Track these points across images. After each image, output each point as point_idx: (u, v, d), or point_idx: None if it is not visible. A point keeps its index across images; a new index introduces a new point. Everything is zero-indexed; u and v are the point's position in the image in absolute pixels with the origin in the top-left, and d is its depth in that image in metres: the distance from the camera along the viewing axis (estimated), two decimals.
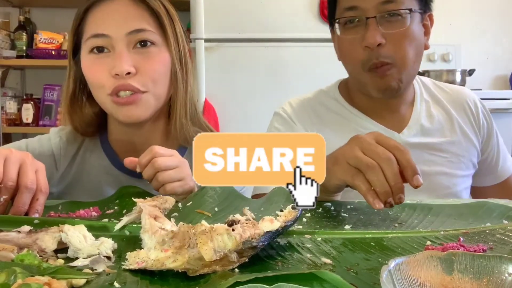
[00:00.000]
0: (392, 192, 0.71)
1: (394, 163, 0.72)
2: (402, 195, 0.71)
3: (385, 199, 0.71)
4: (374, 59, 1.02)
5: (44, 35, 2.81)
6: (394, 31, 1.02)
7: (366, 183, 0.72)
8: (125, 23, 0.94)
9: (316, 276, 0.47)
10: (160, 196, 0.76)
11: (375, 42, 1.01)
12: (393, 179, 0.71)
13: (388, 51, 1.02)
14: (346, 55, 1.09)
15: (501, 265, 0.46)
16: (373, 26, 1.02)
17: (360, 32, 1.03)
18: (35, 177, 0.75)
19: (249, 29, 2.34)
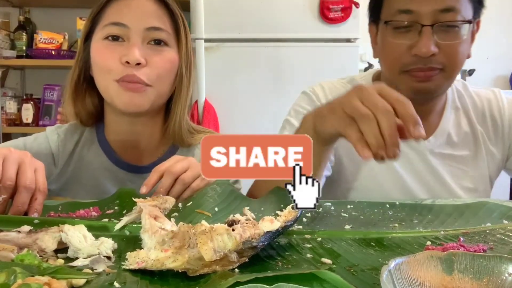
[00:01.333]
0: (386, 145, 0.67)
1: (392, 115, 0.67)
2: (397, 150, 0.67)
3: (375, 152, 0.67)
4: (421, 64, 0.98)
5: (44, 35, 2.81)
6: (449, 42, 0.97)
7: (358, 132, 0.69)
8: (145, 19, 0.97)
9: (316, 276, 0.47)
10: (160, 196, 0.76)
11: (428, 52, 0.96)
12: (388, 131, 0.66)
13: (438, 60, 0.98)
14: (388, 57, 1.04)
15: (501, 265, 0.46)
16: (428, 35, 0.96)
17: (411, 39, 0.98)
18: (34, 176, 0.75)
19: (249, 29, 2.34)
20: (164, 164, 0.85)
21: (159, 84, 0.98)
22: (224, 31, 2.34)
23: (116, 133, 1.05)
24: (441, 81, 1.01)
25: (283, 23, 2.36)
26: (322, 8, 2.34)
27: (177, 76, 1.02)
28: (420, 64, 0.98)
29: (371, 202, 0.84)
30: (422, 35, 0.97)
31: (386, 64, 1.06)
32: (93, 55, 1.00)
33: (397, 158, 0.68)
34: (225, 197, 0.82)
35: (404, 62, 1.00)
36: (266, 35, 2.36)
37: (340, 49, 2.40)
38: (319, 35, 2.39)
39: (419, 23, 0.97)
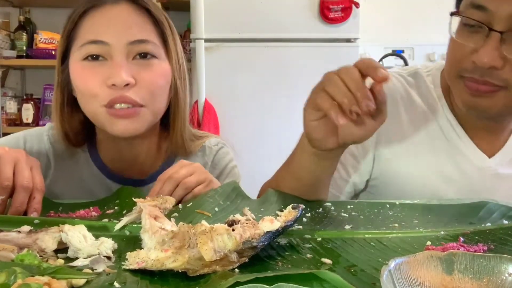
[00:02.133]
0: (357, 100, 0.65)
1: (354, 71, 0.66)
2: (370, 102, 0.65)
3: (349, 108, 0.65)
4: (478, 75, 0.83)
5: (44, 35, 2.81)
6: None
7: (328, 99, 0.67)
8: (127, 32, 0.88)
9: (316, 276, 0.47)
10: (160, 196, 0.76)
11: (488, 62, 0.80)
12: (354, 86, 0.65)
13: (501, 76, 0.82)
14: (449, 56, 0.91)
15: (501, 265, 0.46)
16: (495, 42, 0.80)
17: (476, 42, 0.82)
18: (31, 175, 0.74)
19: (249, 29, 2.34)
20: (168, 172, 0.82)
21: (153, 102, 0.90)
22: (224, 31, 2.34)
23: (110, 152, 1.00)
24: (501, 101, 0.84)
25: (283, 23, 2.36)
26: (322, 8, 2.34)
27: (171, 89, 0.94)
28: (476, 74, 0.83)
29: (371, 202, 0.84)
30: (488, 41, 0.80)
31: (447, 62, 0.92)
32: (73, 79, 0.91)
33: (372, 109, 0.66)
34: (225, 197, 0.82)
35: (462, 66, 0.86)
36: (266, 35, 2.36)
37: (340, 49, 2.40)
38: (319, 35, 2.39)
39: (487, 26, 0.80)
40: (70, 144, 0.99)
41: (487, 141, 0.97)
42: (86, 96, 0.90)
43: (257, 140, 2.31)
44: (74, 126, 0.97)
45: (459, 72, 0.87)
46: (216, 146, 1.08)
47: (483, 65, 0.81)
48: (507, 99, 0.84)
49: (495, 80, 0.82)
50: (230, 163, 1.09)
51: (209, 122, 2.27)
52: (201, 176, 0.83)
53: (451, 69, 0.90)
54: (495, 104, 0.85)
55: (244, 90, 2.36)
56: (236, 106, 2.36)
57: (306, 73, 2.36)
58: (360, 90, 0.66)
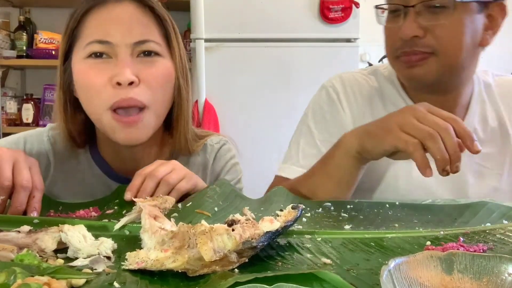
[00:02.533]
0: (451, 160, 0.71)
1: (453, 133, 0.73)
2: (459, 163, 0.72)
3: (443, 167, 0.72)
4: (407, 48, 0.95)
5: (44, 35, 2.81)
6: (436, 23, 0.92)
7: (421, 150, 0.73)
8: (131, 32, 0.88)
9: (316, 276, 0.47)
10: (160, 196, 0.76)
11: (409, 34, 0.93)
12: (452, 148, 0.71)
13: (426, 43, 0.93)
14: (386, 44, 1.02)
15: (501, 265, 0.46)
16: (412, 16, 0.93)
17: (399, 22, 0.95)
18: (30, 174, 0.74)
19: (249, 29, 2.34)
20: (147, 168, 0.82)
21: (156, 103, 0.90)
22: (224, 31, 2.34)
23: (111, 153, 1.00)
24: (434, 67, 0.95)
25: (283, 23, 2.36)
26: (322, 8, 2.34)
27: (175, 89, 0.94)
28: (406, 47, 0.95)
29: (371, 202, 0.84)
30: (406, 17, 0.94)
31: (385, 50, 1.03)
32: (77, 78, 0.90)
33: (459, 171, 0.73)
34: (225, 197, 0.82)
35: (394, 47, 0.97)
36: (266, 35, 2.36)
37: (340, 49, 2.41)
38: (319, 35, 2.39)
39: (403, 5, 0.94)
40: (74, 144, 0.99)
41: None
42: (90, 96, 0.89)
43: (257, 140, 2.31)
44: (77, 126, 0.97)
45: (394, 53, 0.98)
46: (217, 144, 1.08)
47: (406, 37, 0.93)
48: (438, 63, 0.95)
49: (422, 48, 0.94)
50: (231, 160, 1.08)
51: (209, 122, 2.27)
52: (180, 172, 0.84)
53: (389, 54, 1.01)
54: (429, 70, 0.95)
55: (244, 90, 2.36)
56: (236, 106, 2.36)
57: (306, 73, 2.36)
58: (457, 153, 0.72)
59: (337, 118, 1.07)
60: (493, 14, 0.98)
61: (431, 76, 0.96)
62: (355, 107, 1.07)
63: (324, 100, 1.10)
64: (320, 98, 1.11)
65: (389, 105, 1.07)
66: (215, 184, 0.87)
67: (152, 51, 0.90)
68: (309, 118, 1.10)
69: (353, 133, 0.87)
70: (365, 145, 0.83)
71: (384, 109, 1.06)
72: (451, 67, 0.97)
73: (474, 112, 1.05)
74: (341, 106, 1.07)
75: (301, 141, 1.09)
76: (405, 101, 1.06)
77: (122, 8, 0.90)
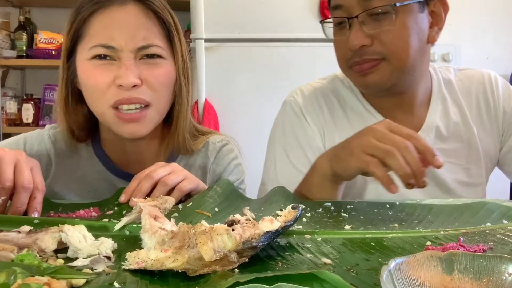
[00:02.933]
0: (415, 176, 0.72)
1: (413, 149, 0.74)
2: (425, 178, 0.73)
3: (407, 181, 0.72)
4: (357, 57, 0.97)
5: (44, 35, 2.81)
6: (380, 30, 0.94)
7: (382, 169, 0.74)
8: (135, 37, 0.90)
9: (316, 276, 0.47)
10: (160, 196, 0.76)
11: (357, 44, 0.95)
12: (415, 164, 0.72)
13: (375, 50, 0.95)
14: (336, 55, 1.04)
15: (501, 265, 0.46)
16: (356, 27, 0.95)
17: (345, 33, 0.98)
18: (31, 175, 0.75)
19: (249, 29, 2.34)
20: (145, 171, 0.83)
21: (158, 101, 0.93)
22: (224, 31, 2.34)
23: (114, 147, 1.02)
24: (387, 72, 0.96)
25: (283, 23, 2.36)
26: (322, 8, 2.34)
27: (175, 88, 0.97)
28: (356, 57, 0.97)
29: (371, 202, 0.84)
30: (351, 28, 0.96)
31: (338, 61, 1.05)
32: (82, 77, 0.93)
33: (426, 185, 0.74)
34: (225, 197, 0.82)
35: (345, 58, 0.99)
36: (266, 35, 2.36)
37: None
38: (319, 35, 2.37)
39: (346, 17, 0.96)
40: (74, 139, 1.00)
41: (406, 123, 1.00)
42: (94, 95, 0.92)
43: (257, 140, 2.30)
44: (78, 120, 0.99)
45: (347, 64, 1.00)
46: (219, 143, 1.08)
47: (354, 48, 0.95)
48: (390, 67, 0.96)
49: (372, 55, 0.96)
50: (234, 161, 1.09)
51: (209, 122, 2.27)
52: (179, 174, 0.84)
53: (341, 65, 1.03)
54: (382, 75, 0.97)
55: (244, 90, 2.36)
56: (236, 106, 2.36)
57: (306, 73, 2.35)
58: (419, 168, 0.73)
59: (305, 133, 1.08)
60: (436, 11, 0.99)
61: (385, 81, 0.98)
62: (318, 120, 1.09)
63: (289, 115, 1.11)
64: (284, 114, 1.13)
65: (349, 112, 1.09)
66: (216, 184, 0.87)
67: (155, 54, 0.93)
68: (278, 138, 1.12)
69: (324, 156, 0.89)
70: (335, 169, 0.85)
71: (345, 117, 1.08)
72: (402, 68, 0.98)
73: (435, 109, 1.07)
74: (306, 121, 1.09)
75: (277, 162, 1.09)
76: (364, 106, 1.08)
77: (126, 12, 0.91)
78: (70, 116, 0.98)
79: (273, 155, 1.11)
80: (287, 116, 1.12)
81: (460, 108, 1.08)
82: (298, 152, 1.07)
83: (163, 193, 0.80)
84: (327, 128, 1.08)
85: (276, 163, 1.10)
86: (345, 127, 1.07)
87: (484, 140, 1.08)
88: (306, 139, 1.08)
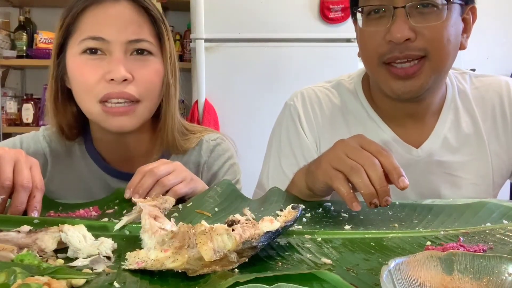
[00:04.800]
0: (378, 194, 0.70)
1: (379, 167, 0.71)
2: (389, 197, 0.70)
3: (370, 201, 0.70)
4: (397, 52, 0.89)
5: (44, 35, 2.81)
6: (427, 24, 0.87)
7: (346, 185, 0.72)
8: (126, 30, 0.91)
9: (316, 276, 0.47)
10: (160, 196, 0.76)
11: (402, 37, 0.87)
12: (378, 182, 0.70)
13: (418, 46, 0.88)
14: (365, 49, 0.95)
15: (501, 265, 0.46)
16: (402, 18, 0.87)
17: (385, 24, 0.89)
18: (30, 174, 0.75)
19: (249, 29, 2.34)
20: (148, 166, 0.83)
21: (148, 98, 0.93)
22: (224, 31, 2.34)
23: (105, 144, 1.01)
24: (429, 74, 0.90)
25: (283, 23, 2.36)
26: (322, 8, 2.34)
27: (164, 86, 0.97)
28: (396, 51, 0.89)
29: None
30: (395, 18, 0.87)
31: (364, 57, 0.97)
32: (71, 72, 0.93)
33: (389, 204, 0.71)
34: (225, 197, 0.82)
35: (380, 52, 0.91)
36: (266, 35, 2.36)
37: (340, 49, 2.40)
38: (319, 35, 2.39)
39: (391, 6, 0.88)
40: (65, 137, 1.00)
41: (414, 131, 1.01)
42: (82, 90, 0.92)
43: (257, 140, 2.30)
44: (67, 118, 0.99)
45: (379, 59, 0.91)
46: (214, 141, 1.08)
47: (398, 40, 0.87)
48: (432, 68, 0.90)
49: (414, 51, 0.88)
50: (230, 160, 1.08)
51: (209, 122, 2.27)
52: (180, 175, 0.84)
53: (371, 60, 0.94)
54: (424, 80, 0.90)
55: (244, 90, 2.36)
56: (236, 106, 2.36)
57: (306, 73, 2.36)
58: (383, 187, 0.70)
59: (300, 142, 1.06)
60: (467, 18, 0.95)
61: (424, 86, 0.92)
62: (315, 128, 1.06)
63: (287, 120, 1.09)
64: (283, 118, 1.10)
65: (351, 120, 1.05)
66: (216, 184, 0.87)
67: (145, 50, 0.93)
68: (275, 141, 1.10)
69: (301, 171, 0.87)
70: (308, 184, 0.83)
71: (346, 126, 1.04)
72: (440, 70, 0.93)
73: (445, 120, 1.01)
74: (302, 129, 1.06)
75: (270, 167, 1.08)
76: (368, 113, 1.03)
77: (118, 8, 0.92)
78: (60, 114, 0.98)
79: (268, 160, 1.10)
80: (285, 121, 1.10)
81: (473, 119, 1.02)
82: (291, 161, 1.05)
83: (159, 194, 0.80)
84: (324, 137, 1.05)
85: (270, 168, 1.08)
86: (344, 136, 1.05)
87: (497, 154, 1.02)
88: (300, 149, 1.05)
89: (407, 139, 1.00)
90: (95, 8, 0.92)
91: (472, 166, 1.01)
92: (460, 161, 1.00)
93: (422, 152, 0.99)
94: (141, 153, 1.02)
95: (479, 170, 1.01)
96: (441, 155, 1.00)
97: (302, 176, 0.85)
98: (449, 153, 1.00)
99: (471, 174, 1.01)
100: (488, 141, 1.01)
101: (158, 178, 0.81)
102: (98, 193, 0.98)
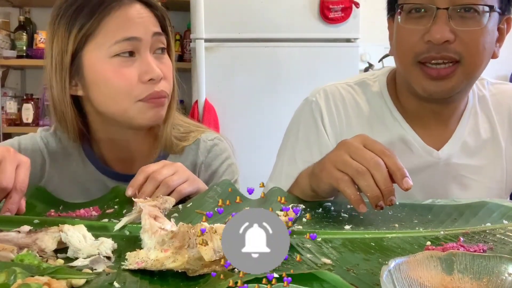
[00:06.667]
0: (383, 195, 0.70)
1: (383, 168, 0.71)
2: (393, 197, 0.71)
3: (376, 203, 0.70)
4: (434, 52, 0.89)
5: (44, 35, 2.80)
6: (467, 29, 0.88)
7: (352, 187, 0.72)
8: (149, 25, 0.94)
9: (316, 276, 0.47)
10: (160, 196, 0.76)
11: (442, 38, 0.87)
12: (383, 183, 0.70)
13: (454, 49, 0.89)
14: (401, 46, 0.95)
15: (501, 265, 0.46)
16: (443, 19, 0.88)
17: (425, 24, 0.89)
18: (13, 175, 0.73)
19: (249, 29, 2.34)
20: (151, 167, 0.83)
21: (171, 93, 0.98)
22: (224, 31, 2.34)
23: (106, 145, 1.01)
24: (461, 78, 0.91)
25: (283, 23, 2.36)
26: (322, 8, 2.34)
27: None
28: (433, 52, 0.89)
29: None
30: (436, 19, 0.88)
31: (399, 55, 0.97)
32: (100, 77, 0.92)
33: (393, 203, 0.71)
34: (225, 198, 0.81)
35: (416, 51, 0.91)
36: (266, 35, 2.36)
37: (340, 49, 2.40)
38: (319, 35, 2.39)
39: (434, 6, 0.88)
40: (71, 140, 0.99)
41: (436, 133, 1.01)
42: (118, 92, 0.92)
43: (257, 140, 2.31)
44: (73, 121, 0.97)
45: (415, 58, 0.92)
46: (211, 141, 1.07)
47: (437, 41, 0.88)
48: (464, 73, 0.91)
49: (451, 53, 0.89)
50: (226, 161, 1.08)
51: (209, 122, 2.27)
52: (183, 175, 0.84)
53: (406, 58, 0.94)
54: (455, 82, 0.91)
55: (244, 90, 2.36)
56: (236, 106, 2.36)
57: (306, 73, 2.36)
58: (388, 188, 0.70)
59: (319, 141, 1.05)
60: (502, 28, 0.96)
61: (455, 88, 0.93)
62: (338, 127, 1.05)
63: (307, 117, 1.07)
64: (302, 115, 1.09)
65: (373, 119, 1.04)
66: (216, 184, 0.87)
67: (163, 46, 0.97)
68: (292, 135, 1.09)
69: (304, 173, 0.87)
70: (312, 185, 0.82)
71: (368, 124, 1.04)
72: (472, 75, 0.94)
73: (465, 124, 1.02)
74: (324, 127, 1.05)
75: (285, 161, 1.08)
76: (392, 113, 1.03)
77: (134, 8, 0.95)
78: (67, 117, 0.97)
79: (283, 152, 1.09)
80: (304, 117, 1.08)
81: (491, 124, 1.04)
82: (306, 157, 1.03)
83: (164, 194, 0.80)
84: (345, 135, 1.01)
85: (284, 162, 1.08)
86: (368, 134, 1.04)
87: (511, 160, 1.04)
88: (318, 146, 1.04)
89: (428, 141, 1.01)
90: (117, 11, 0.93)
91: (488, 170, 1.02)
92: (476, 165, 1.02)
93: (442, 155, 1.00)
94: (141, 153, 1.02)
95: (494, 175, 1.03)
96: (459, 158, 1.01)
97: (306, 177, 0.85)
98: (467, 157, 1.02)
99: (486, 178, 1.02)
100: (505, 145, 1.03)
101: (160, 182, 0.82)
102: (96, 194, 0.96)
